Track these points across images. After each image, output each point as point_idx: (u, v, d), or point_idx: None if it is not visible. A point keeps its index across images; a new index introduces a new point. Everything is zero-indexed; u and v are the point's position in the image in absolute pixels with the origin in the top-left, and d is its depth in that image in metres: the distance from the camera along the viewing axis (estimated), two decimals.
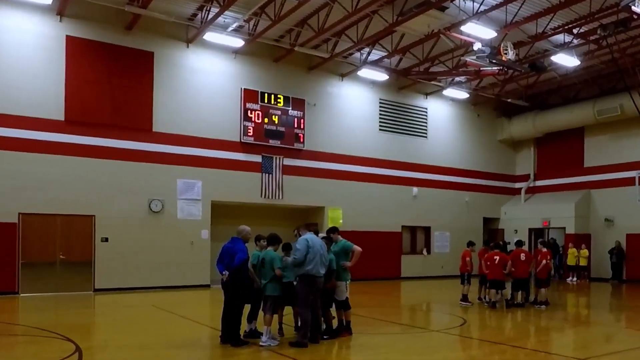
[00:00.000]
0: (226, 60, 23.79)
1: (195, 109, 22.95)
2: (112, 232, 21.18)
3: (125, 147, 21.42)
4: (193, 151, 22.87)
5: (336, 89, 26.98)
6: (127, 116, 21.46)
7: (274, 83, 24.90)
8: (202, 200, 23.11)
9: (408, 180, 29.48)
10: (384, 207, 28.42)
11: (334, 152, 26.73)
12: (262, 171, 24.50)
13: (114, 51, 21.23)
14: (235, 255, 11.14)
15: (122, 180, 21.39)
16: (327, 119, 26.56)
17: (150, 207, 21.99)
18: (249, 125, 24.04)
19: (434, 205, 30.46)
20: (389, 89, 28.59)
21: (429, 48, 24.55)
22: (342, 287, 12.55)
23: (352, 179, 27.38)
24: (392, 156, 28.85)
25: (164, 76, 22.30)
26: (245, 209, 24.92)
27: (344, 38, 23.48)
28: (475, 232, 31.52)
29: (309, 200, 26.13)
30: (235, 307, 11.18)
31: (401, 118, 29.24)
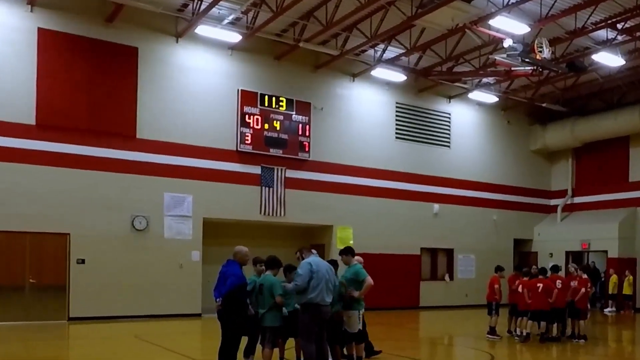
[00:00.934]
0: (221, 57, 23.70)
1: (185, 113, 22.84)
2: (89, 253, 21.04)
3: (104, 155, 21.29)
4: (182, 161, 22.76)
5: (346, 90, 26.91)
6: (107, 120, 21.34)
7: (276, 84, 24.83)
8: (192, 217, 22.99)
9: (428, 195, 29.39)
10: (400, 227, 28.30)
11: (343, 163, 26.67)
12: (261, 184, 24.41)
13: (93, 46, 21.13)
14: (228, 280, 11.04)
15: (101, 193, 21.25)
16: (336, 125, 26.48)
17: (133, 224, 21.87)
18: (247, 131, 23.95)
19: (457, 224, 30.38)
20: (406, 92, 28.51)
21: (453, 45, 24.46)
22: (355, 318, 12.47)
23: (364, 194, 27.28)
24: (410, 168, 28.77)
25: (150, 75, 22.20)
26: (241, 228, 24.83)
27: (355, 33, 23.38)
28: (505, 255, 31.35)
29: (314, 218, 26.04)
30: (230, 339, 11.03)
31: (421, 124, 29.18)
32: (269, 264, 11.79)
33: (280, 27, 23.24)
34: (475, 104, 30.92)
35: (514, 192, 32.73)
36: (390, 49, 24.86)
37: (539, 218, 33.72)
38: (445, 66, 26.20)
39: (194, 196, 23.02)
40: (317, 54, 25.19)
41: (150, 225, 22.18)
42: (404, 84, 27.80)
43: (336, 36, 24.00)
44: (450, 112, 30.27)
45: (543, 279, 17.86)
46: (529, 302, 17.85)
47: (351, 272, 12.56)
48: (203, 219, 23.26)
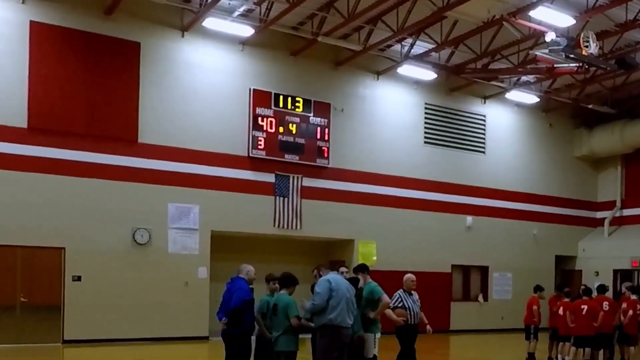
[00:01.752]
0: (231, 53, 23.71)
1: (191, 115, 22.86)
2: (86, 269, 21.04)
3: (103, 162, 21.31)
4: (188, 168, 22.77)
5: (370, 90, 26.86)
6: (106, 123, 21.36)
7: (292, 83, 24.83)
8: (199, 230, 23.00)
9: (460, 207, 29.34)
10: (429, 241, 28.20)
11: (366, 170, 26.62)
12: (275, 194, 24.40)
13: (91, 41, 21.15)
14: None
15: (99, 204, 21.26)
16: (358, 128, 26.43)
17: (134, 238, 21.87)
18: (260, 135, 23.95)
19: (492, 239, 30.26)
20: (437, 91, 28.48)
21: (489, 39, 24.36)
22: (370, 342, 12.54)
23: (389, 205, 27.22)
24: (441, 176, 28.69)
25: (153, 73, 22.22)
26: (253, 242, 24.84)
27: (380, 26, 23.31)
28: (545, 273, 31.17)
29: (334, 232, 25.98)
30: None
31: (452, 128, 29.13)
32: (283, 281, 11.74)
33: (297, 19, 23.20)
34: (513, 105, 30.80)
35: (556, 203, 32.54)
36: (419, 43, 24.74)
37: (583, 232, 33.50)
38: (480, 63, 26.09)
39: (201, 207, 23.00)
40: (338, 49, 25.13)
41: (152, 239, 22.16)
42: (434, 83, 27.71)
43: (359, 29, 23.94)
44: (485, 114, 30.18)
45: (588, 300, 17.70)
46: (572, 326, 17.70)
47: (366, 291, 12.62)
48: (211, 232, 23.24)
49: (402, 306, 13.62)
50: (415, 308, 13.79)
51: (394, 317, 13.44)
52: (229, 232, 23.77)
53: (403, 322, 13.52)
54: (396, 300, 13.69)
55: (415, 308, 13.79)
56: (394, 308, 13.51)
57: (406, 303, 13.66)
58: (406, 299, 13.73)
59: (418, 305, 13.94)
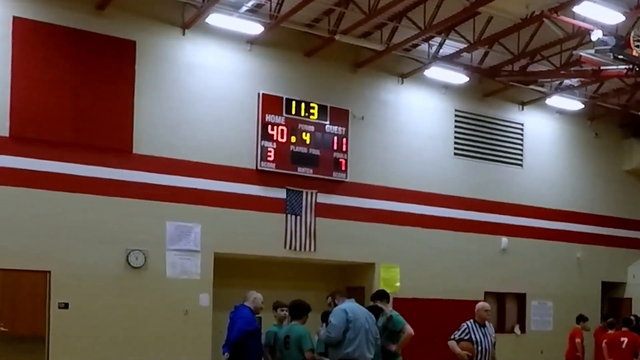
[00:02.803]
0: (238, 53, 23.68)
1: (193, 123, 22.81)
2: (74, 296, 20.89)
3: (93, 175, 21.23)
4: (189, 182, 22.70)
5: (393, 95, 26.84)
6: (97, 132, 21.30)
7: (305, 86, 24.83)
8: (201, 252, 22.90)
9: (494, 226, 29.28)
10: (459, 265, 28.12)
11: (389, 185, 26.56)
12: (286, 212, 24.36)
13: (81, 40, 21.12)
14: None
15: (88, 222, 21.16)
16: (380, 138, 26.39)
17: (128, 260, 21.76)
18: (269, 146, 23.91)
19: (531, 262, 30.15)
20: (469, 96, 28.48)
21: (527, 38, 24.42)
22: None
23: (414, 225, 27.14)
24: (472, 192, 28.65)
25: (150, 75, 22.18)
26: (261, 266, 24.80)
27: (405, 23, 23.31)
28: (591, 302, 31.10)
29: (352, 254, 25.86)
30: None
31: (486, 138, 29.11)
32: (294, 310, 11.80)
33: (311, 15, 23.24)
34: (554, 112, 30.78)
35: (602, 222, 32.42)
36: (449, 43, 24.80)
37: (634, 256, 33.40)
38: (518, 64, 26.11)
39: (203, 226, 22.92)
40: (358, 49, 25.14)
41: (149, 262, 22.06)
42: (466, 87, 27.68)
43: (381, 27, 23.93)
44: (523, 122, 30.15)
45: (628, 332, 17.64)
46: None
47: (386, 321, 12.72)
48: (214, 255, 23.12)
49: (469, 339, 13.45)
50: (486, 343, 13.54)
51: (457, 350, 13.32)
52: (234, 255, 23.66)
53: (468, 357, 13.38)
54: (463, 331, 13.54)
55: (486, 343, 13.54)
56: (458, 340, 13.41)
57: (475, 335, 13.46)
58: (476, 330, 13.54)
59: (491, 339, 13.73)
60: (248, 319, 11.18)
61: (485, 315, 13.70)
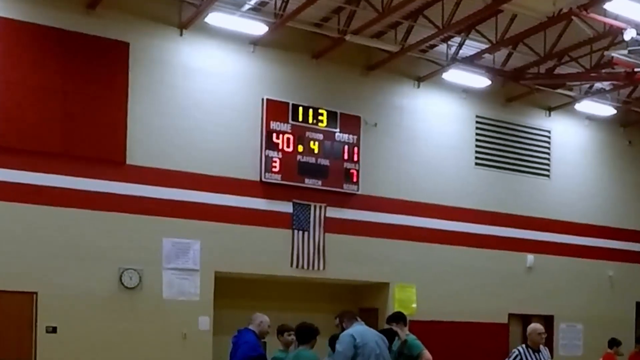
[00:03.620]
0: (240, 55, 23.69)
1: (191, 131, 22.79)
2: (62, 319, 20.84)
3: (83, 188, 21.23)
4: (188, 195, 22.69)
5: (409, 100, 26.82)
6: (87, 141, 21.28)
7: (313, 91, 24.83)
8: (200, 271, 22.87)
9: (519, 243, 29.21)
10: (481, 285, 28.06)
11: (404, 198, 26.52)
12: (292, 227, 24.37)
13: (70, 41, 21.10)
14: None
15: (78, 239, 21.12)
16: (394, 146, 26.38)
17: (121, 280, 21.73)
18: (274, 155, 23.89)
19: (559, 282, 30.09)
20: (491, 101, 28.46)
21: (554, 38, 24.40)
22: None
23: (432, 241, 27.11)
24: (495, 205, 28.61)
25: (145, 80, 22.17)
26: (266, 286, 24.81)
27: (422, 22, 23.29)
28: (624, 324, 30.97)
29: (364, 273, 25.85)
30: None
31: (510, 146, 29.08)
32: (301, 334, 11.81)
33: (320, 14, 23.23)
34: (584, 118, 30.75)
35: (636, 238, 32.36)
36: (469, 43, 24.78)
37: None
38: (544, 67, 26.10)
39: (203, 243, 22.89)
40: (370, 50, 25.15)
41: (143, 282, 22.03)
42: (488, 91, 27.64)
43: (395, 26, 23.89)
44: (550, 129, 30.14)
45: None
46: None
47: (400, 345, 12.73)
48: (215, 274, 23.10)
49: None
50: None
51: None
52: (236, 274, 23.63)
53: None
54: (514, 357, 13.47)
55: None
56: None
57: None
58: (529, 356, 13.44)
59: None
60: (252, 344, 11.18)
61: (539, 338, 13.52)
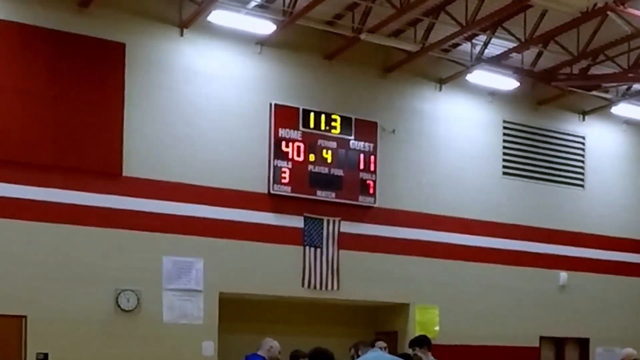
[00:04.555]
0: (246, 57, 23.70)
1: (193, 140, 22.80)
2: (54, 345, 20.79)
3: (76, 202, 21.22)
4: (189, 210, 22.69)
5: (430, 104, 26.82)
6: (80, 151, 21.28)
7: (326, 95, 24.82)
8: (204, 292, 22.87)
9: (551, 259, 29.16)
10: (510, 306, 28.04)
11: (425, 211, 26.51)
12: (304, 244, 24.35)
13: (61, 43, 21.11)
14: None
15: (71, 258, 21.11)
16: (414, 155, 26.37)
17: (118, 303, 21.73)
18: (284, 165, 23.89)
19: (595, 302, 30.01)
20: (519, 105, 28.48)
21: (589, 35, 24.34)
22: None
23: (456, 258, 27.09)
24: (525, 218, 28.58)
25: (143, 84, 22.18)
26: (275, 308, 24.87)
27: (444, 18, 23.27)
28: None
29: (382, 293, 25.78)
30: None
31: (540, 154, 29.05)
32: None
33: (332, 11, 23.21)
34: (621, 123, 30.74)
35: None
36: (495, 41, 24.78)
37: None
38: (578, 66, 26.06)
39: (207, 261, 22.87)
40: (387, 50, 25.12)
41: (142, 304, 22.02)
42: (516, 94, 27.64)
43: (415, 24, 23.89)
44: (585, 135, 30.11)
45: None
46: None
47: None
48: (219, 295, 23.07)
49: None
50: None
51: None
52: (243, 295, 23.64)
53: None
54: None
55: None
56: None
57: None
58: None
59: None
60: None
61: None
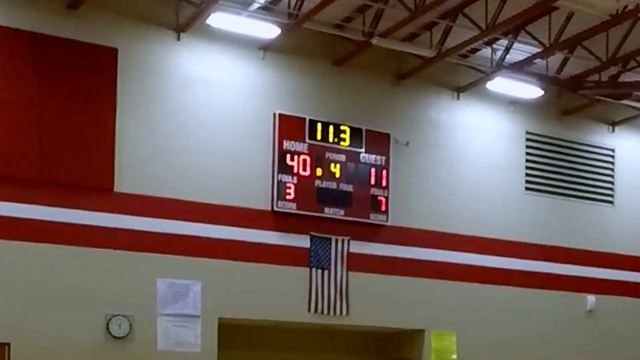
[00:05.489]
0: (248, 62, 23.69)
1: (190, 153, 22.76)
2: None
3: (64, 220, 21.20)
4: (186, 228, 22.66)
5: (447, 114, 26.82)
6: (68, 165, 21.25)
7: (334, 104, 24.82)
8: (201, 318, 22.76)
9: (578, 281, 29.10)
10: (533, 332, 27.90)
11: (441, 229, 26.48)
12: (310, 265, 24.30)
13: (49, 48, 21.11)
14: None
15: (58, 280, 21.06)
16: (430, 169, 26.34)
17: (108, 329, 21.62)
18: (288, 180, 23.86)
19: (625, 328, 29.90)
20: (544, 115, 28.46)
21: (618, 40, 24.33)
22: None
23: (474, 280, 27.06)
24: (549, 238, 28.51)
25: (137, 92, 22.14)
26: (280, 334, 24.84)
27: (461, 22, 23.30)
28: None
29: (395, 319, 25.70)
30: None
31: (566, 167, 29.02)
32: None
33: (341, 13, 23.26)
34: None
35: None
36: (518, 46, 24.78)
37: None
38: (607, 73, 26.01)
39: (205, 284, 22.79)
40: (401, 56, 25.16)
41: (135, 331, 21.90)
42: (540, 103, 27.64)
43: (431, 27, 23.92)
44: (614, 148, 30.06)
45: None
46: None
47: None
48: (218, 321, 22.97)
49: None
50: None
51: None
52: (244, 320, 23.58)
53: None
54: None
55: None
56: None
57: None
58: None
59: None
60: None
61: None
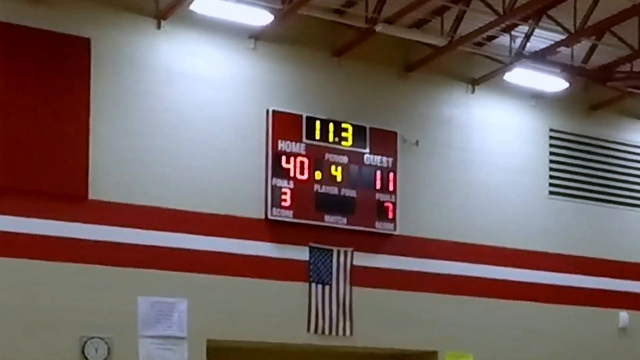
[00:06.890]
0: (237, 53, 23.64)
1: (173, 155, 22.72)
2: None
3: (33, 231, 21.09)
4: (170, 240, 22.57)
5: (461, 109, 26.83)
6: (37, 171, 21.19)
7: (335, 99, 24.81)
8: (188, 339, 22.71)
9: (609, 296, 29.12)
10: (560, 352, 27.92)
11: (455, 239, 26.49)
12: (309, 279, 24.28)
13: (13, 38, 21.05)
14: None
15: (28, 299, 20.96)
16: (442, 171, 26.33)
17: (84, 352, 21.55)
18: (284, 185, 23.81)
19: None
20: (569, 110, 28.51)
21: None
22: None
23: (493, 295, 27.03)
24: (576, 247, 28.52)
25: (112, 87, 22.06)
26: (276, 357, 24.89)
27: (476, 6, 23.21)
28: None
29: (404, 339, 25.66)
30: None
31: (594, 168, 29.04)
32: None
33: None
34: None
35: None
36: (539, 33, 24.72)
37: None
38: (639, 63, 25.95)
39: (192, 302, 22.72)
40: (408, 44, 25.15)
41: (114, 354, 21.82)
42: (565, 97, 27.64)
43: (441, 12, 23.90)
44: None
45: None
46: None
47: None
48: (207, 343, 22.93)
49: None
50: None
51: None
52: (235, 342, 23.51)
53: None
54: None
55: None
56: None
57: None
58: None
59: None
60: None
61: None
